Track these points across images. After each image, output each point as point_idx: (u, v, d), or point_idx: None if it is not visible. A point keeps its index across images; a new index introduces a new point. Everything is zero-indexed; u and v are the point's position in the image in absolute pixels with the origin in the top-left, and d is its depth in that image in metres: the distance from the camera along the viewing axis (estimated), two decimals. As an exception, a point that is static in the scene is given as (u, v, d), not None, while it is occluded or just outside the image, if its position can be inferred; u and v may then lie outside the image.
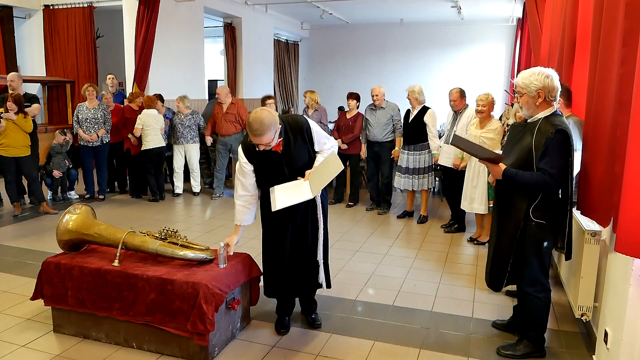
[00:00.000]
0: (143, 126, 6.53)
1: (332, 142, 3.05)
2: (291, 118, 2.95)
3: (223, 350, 2.92)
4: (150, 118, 6.58)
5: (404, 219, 6.02)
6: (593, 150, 2.69)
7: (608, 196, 2.40)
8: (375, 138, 6.08)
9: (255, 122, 2.65)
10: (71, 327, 3.08)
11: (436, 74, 12.35)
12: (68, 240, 3.11)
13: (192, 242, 3.08)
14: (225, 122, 6.75)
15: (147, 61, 7.56)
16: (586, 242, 2.93)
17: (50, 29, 9.12)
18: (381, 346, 3.00)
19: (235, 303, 2.95)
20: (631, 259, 2.26)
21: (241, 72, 10.26)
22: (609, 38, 2.46)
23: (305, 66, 14.04)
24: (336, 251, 4.78)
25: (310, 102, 6.82)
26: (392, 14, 11.34)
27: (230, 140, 6.79)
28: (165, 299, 2.78)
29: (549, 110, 2.63)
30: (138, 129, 6.52)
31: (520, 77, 2.68)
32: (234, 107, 6.81)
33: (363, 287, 3.92)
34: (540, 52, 5.39)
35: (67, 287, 2.99)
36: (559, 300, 3.60)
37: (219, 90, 6.84)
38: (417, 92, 5.72)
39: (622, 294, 2.37)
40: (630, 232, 2.11)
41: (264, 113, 2.69)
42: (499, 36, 12.08)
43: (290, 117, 2.97)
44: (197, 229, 5.52)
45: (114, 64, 9.41)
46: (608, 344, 2.51)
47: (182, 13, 8.41)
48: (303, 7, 10.45)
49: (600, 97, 2.57)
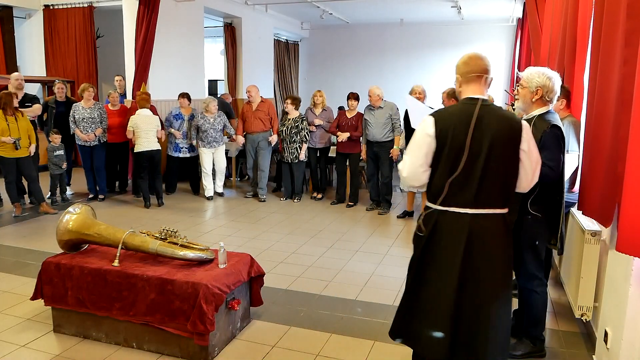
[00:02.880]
0: (134, 128, 6.23)
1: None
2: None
3: (223, 350, 2.92)
4: (141, 119, 6.25)
5: (404, 219, 6.02)
6: (595, 150, 2.69)
7: (610, 196, 2.40)
8: (374, 138, 6.09)
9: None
10: (71, 327, 3.08)
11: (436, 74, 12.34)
12: (68, 240, 3.11)
13: (192, 242, 3.07)
14: (255, 120, 6.78)
15: (147, 61, 7.55)
16: (586, 242, 2.93)
17: (50, 29, 9.11)
18: (381, 346, 3.00)
19: (236, 303, 2.95)
20: (631, 259, 2.26)
21: (241, 72, 10.26)
22: (611, 38, 2.46)
23: (305, 66, 14.03)
24: (336, 251, 4.78)
25: (322, 102, 6.86)
26: (392, 14, 11.34)
27: (258, 138, 6.82)
28: (165, 299, 2.78)
29: (544, 109, 2.71)
30: (130, 131, 6.28)
31: (527, 71, 2.79)
32: (264, 105, 6.86)
33: (363, 287, 3.92)
34: (540, 52, 5.39)
35: (67, 287, 2.99)
36: (559, 300, 3.60)
37: (249, 88, 6.87)
38: (421, 91, 5.74)
39: (622, 293, 2.37)
40: (632, 231, 2.11)
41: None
42: (499, 36, 12.08)
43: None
44: (197, 229, 5.52)
45: (114, 64, 9.40)
46: (608, 343, 2.51)
47: (182, 13, 8.40)
48: (303, 7, 10.44)
49: (602, 97, 2.57)
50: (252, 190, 7.11)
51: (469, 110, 2.19)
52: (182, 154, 7.02)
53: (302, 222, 5.84)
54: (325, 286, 3.92)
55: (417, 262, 2.34)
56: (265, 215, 6.14)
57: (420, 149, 2.22)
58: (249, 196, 7.05)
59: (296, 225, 5.70)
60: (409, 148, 2.30)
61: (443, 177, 2.20)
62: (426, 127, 2.20)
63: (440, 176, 2.21)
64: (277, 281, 3.97)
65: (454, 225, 2.22)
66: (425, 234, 2.29)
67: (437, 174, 2.22)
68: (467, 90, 2.27)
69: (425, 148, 2.20)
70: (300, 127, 6.61)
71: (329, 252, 4.76)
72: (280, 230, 5.46)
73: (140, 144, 6.24)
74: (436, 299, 2.25)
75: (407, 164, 2.26)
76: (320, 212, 6.34)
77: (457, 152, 2.16)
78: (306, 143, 6.68)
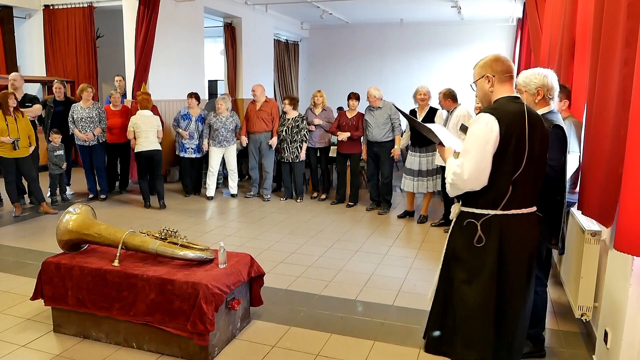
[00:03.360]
0: (134, 128, 6.23)
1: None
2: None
3: (223, 350, 2.92)
4: (141, 120, 6.23)
5: (405, 218, 6.02)
6: (595, 150, 2.69)
7: (611, 196, 2.40)
8: (374, 138, 6.09)
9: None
10: (71, 327, 3.08)
11: (436, 74, 12.34)
12: (68, 240, 3.11)
13: (192, 242, 3.07)
14: (258, 120, 6.77)
15: (147, 61, 7.55)
16: (586, 242, 2.93)
17: (50, 29, 9.11)
18: (381, 346, 3.00)
19: (236, 303, 2.95)
20: (631, 258, 2.27)
21: (241, 72, 10.26)
22: (611, 38, 2.46)
23: (305, 66, 14.03)
24: (336, 251, 4.78)
25: (323, 102, 6.85)
26: (392, 14, 11.34)
27: (261, 138, 6.82)
28: (165, 299, 2.78)
29: (547, 109, 2.72)
30: (130, 131, 6.29)
31: (521, 76, 2.78)
32: (267, 105, 6.85)
33: (363, 287, 3.92)
34: (540, 52, 5.39)
35: (67, 287, 2.99)
36: (559, 300, 3.60)
37: (254, 87, 6.85)
38: (426, 92, 5.75)
39: (622, 293, 2.37)
40: (630, 230, 2.11)
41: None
42: (499, 36, 12.08)
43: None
44: (198, 229, 5.52)
45: (114, 64, 9.40)
46: (608, 343, 2.51)
47: (182, 13, 8.41)
48: (303, 7, 10.44)
49: (602, 97, 2.57)
50: (254, 191, 7.10)
51: (519, 109, 2.16)
52: (188, 154, 7.00)
53: (302, 222, 5.84)
54: (325, 286, 3.92)
55: (487, 274, 2.17)
56: (265, 215, 6.14)
57: (485, 149, 2.07)
58: (250, 196, 7.05)
59: (296, 225, 5.70)
60: (468, 149, 2.11)
61: (505, 177, 2.11)
62: (491, 125, 2.07)
63: (502, 177, 2.11)
64: (277, 281, 3.97)
65: (520, 229, 2.17)
66: (488, 243, 2.15)
67: (497, 175, 2.11)
68: (501, 90, 2.21)
69: (490, 147, 2.07)
70: (301, 127, 6.61)
71: (329, 252, 4.76)
72: (280, 230, 5.47)
73: (140, 143, 6.23)
74: (501, 307, 2.20)
75: (468, 166, 2.09)
76: (321, 212, 6.34)
77: (521, 151, 2.11)
78: (306, 143, 6.68)
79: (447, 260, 2.31)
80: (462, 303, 2.22)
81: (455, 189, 2.17)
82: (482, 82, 2.26)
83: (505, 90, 2.21)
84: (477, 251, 2.18)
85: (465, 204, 2.23)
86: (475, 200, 2.18)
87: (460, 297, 2.22)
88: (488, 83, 2.23)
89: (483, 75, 2.25)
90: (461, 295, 2.22)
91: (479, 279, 2.18)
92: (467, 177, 2.10)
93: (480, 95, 2.30)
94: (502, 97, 2.21)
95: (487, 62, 2.25)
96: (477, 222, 2.16)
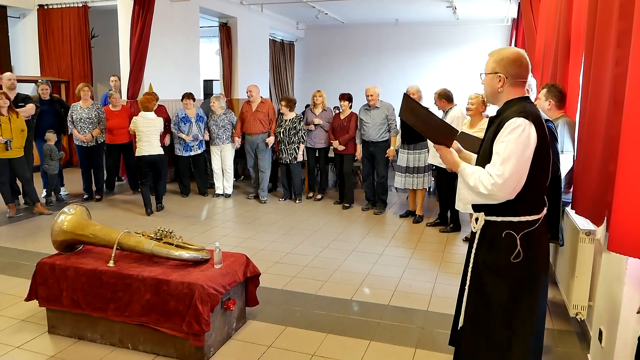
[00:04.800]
0: (134, 129, 5.96)
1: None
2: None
3: (219, 351, 2.92)
4: (141, 122, 5.91)
5: (404, 218, 6.03)
6: (587, 149, 2.70)
7: (602, 195, 2.41)
8: (370, 138, 6.10)
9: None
10: (66, 328, 3.07)
11: (431, 74, 12.36)
12: (63, 240, 3.09)
13: (187, 243, 3.07)
14: (254, 121, 6.76)
15: (143, 61, 7.52)
16: (581, 241, 2.94)
17: (44, 29, 9.06)
18: (377, 346, 3.00)
19: (231, 303, 2.94)
20: (625, 258, 2.28)
21: (237, 72, 10.24)
22: (604, 39, 2.48)
23: (301, 66, 14.02)
24: (332, 251, 4.79)
25: (323, 102, 6.84)
26: (388, 14, 11.35)
27: (258, 140, 6.80)
28: (161, 300, 2.77)
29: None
30: (132, 129, 6.11)
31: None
32: (263, 105, 6.84)
33: (359, 287, 3.93)
34: (535, 52, 5.41)
35: (62, 288, 2.98)
36: (554, 299, 3.61)
37: (250, 87, 6.84)
38: (415, 91, 5.76)
39: (617, 293, 2.38)
40: (623, 231, 2.12)
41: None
42: (494, 36, 12.11)
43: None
44: (193, 229, 5.51)
45: (109, 64, 9.36)
46: (603, 342, 2.53)
47: (177, 13, 8.38)
48: (298, 7, 10.43)
49: (595, 97, 2.59)
50: (255, 192, 7.08)
51: (537, 110, 2.14)
52: (194, 151, 7.01)
53: (298, 222, 5.84)
54: (321, 286, 3.92)
55: (526, 290, 2.11)
56: (261, 216, 6.13)
57: (524, 155, 1.98)
58: (251, 197, 7.04)
59: (292, 225, 5.70)
60: (508, 156, 1.98)
61: (539, 183, 2.07)
62: (529, 130, 1.99)
63: (536, 183, 2.05)
64: (272, 281, 3.96)
65: (545, 232, 2.17)
66: (530, 254, 2.09)
67: (534, 179, 2.04)
68: (512, 92, 2.12)
69: (529, 153, 1.99)
70: (298, 128, 6.60)
71: (324, 252, 4.77)
72: (276, 231, 5.46)
73: (141, 147, 5.91)
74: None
75: (510, 174, 1.97)
76: (316, 212, 6.34)
77: (548, 153, 2.07)
78: (303, 144, 6.68)
79: (477, 275, 2.19)
80: (515, 321, 2.13)
81: (490, 199, 2.05)
82: (493, 78, 2.13)
83: (516, 92, 2.12)
84: (519, 265, 2.09)
85: (495, 213, 2.11)
86: (513, 208, 2.07)
87: (510, 316, 2.14)
88: (499, 82, 2.11)
89: (495, 72, 2.12)
90: (511, 315, 2.14)
91: (528, 294, 2.12)
92: (510, 186, 1.99)
93: (488, 91, 2.19)
94: (516, 97, 2.11)
95: (503, 60, 2.10)
96: (516, 234, 2.07)
